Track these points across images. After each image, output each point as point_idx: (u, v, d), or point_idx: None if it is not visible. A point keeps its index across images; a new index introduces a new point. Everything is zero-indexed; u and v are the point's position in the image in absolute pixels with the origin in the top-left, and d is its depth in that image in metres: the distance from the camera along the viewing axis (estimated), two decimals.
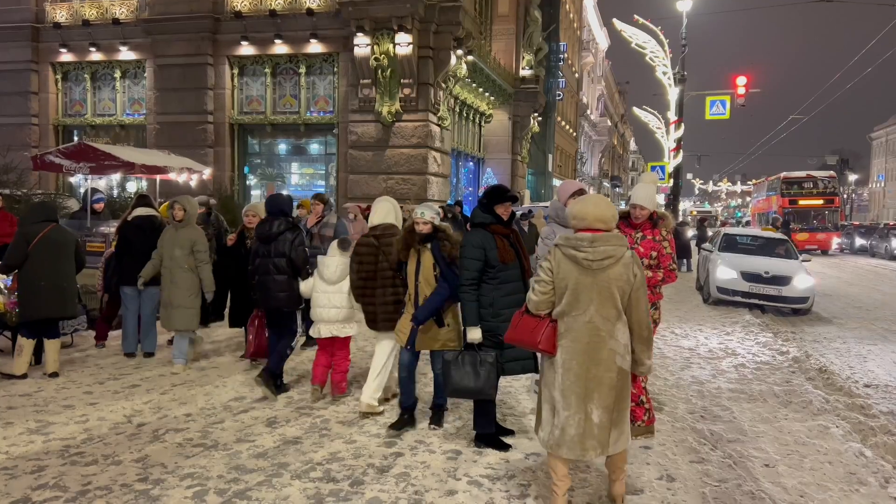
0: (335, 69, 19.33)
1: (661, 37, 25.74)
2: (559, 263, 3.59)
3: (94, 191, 10.74)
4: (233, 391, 6.04)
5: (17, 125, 21.00)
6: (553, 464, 3.70)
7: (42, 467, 4.25)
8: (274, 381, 5.83)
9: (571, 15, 42.85)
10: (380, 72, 17.56)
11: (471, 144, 25.58)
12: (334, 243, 5.85)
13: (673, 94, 25.74)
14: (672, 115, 26.49)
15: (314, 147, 20.94)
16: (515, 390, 6.14)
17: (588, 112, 54.13)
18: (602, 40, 59.08)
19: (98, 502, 3.80)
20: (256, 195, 20.76)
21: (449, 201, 19.90)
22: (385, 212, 5.37)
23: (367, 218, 6.09)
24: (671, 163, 26.24)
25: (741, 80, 26.00)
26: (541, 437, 3.74)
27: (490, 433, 4.72)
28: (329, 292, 5.69)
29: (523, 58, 27.49)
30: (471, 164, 26.53)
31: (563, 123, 41.10)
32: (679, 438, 5.04)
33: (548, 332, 3.60)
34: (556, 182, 30.52)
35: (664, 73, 26.06)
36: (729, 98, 26.20)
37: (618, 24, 26.86)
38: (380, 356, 5.38)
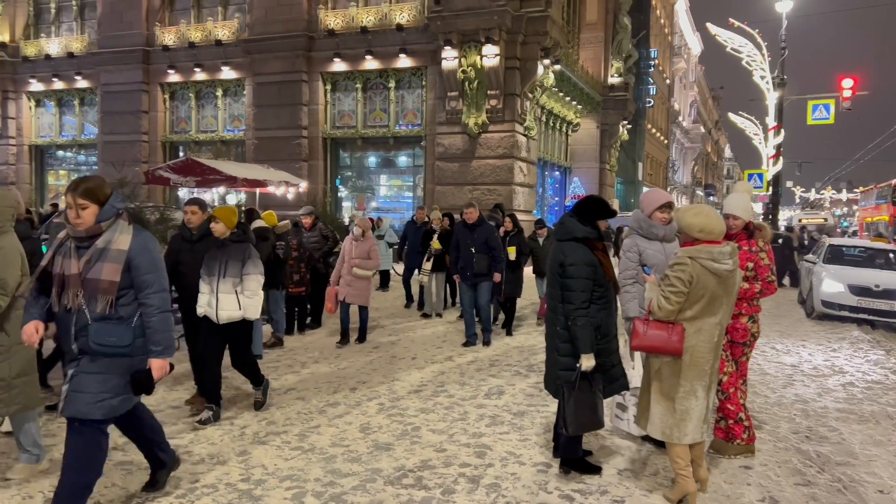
0: (423, 82, 19.69)
1: (759, 40, 24.70)
2: (699, 275, 3.81)
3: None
4: (328, 396, 6.23)
5: (128, 142, 22.55)
6: (679, 451, 3.96)
7: None
8: None
9: (662, 20, 41.85)
10: (467, 84, 17.76)
11: (557, 154, 25.39)
12: None
13: (771, 98, 24.63)
14: (771, 121, 25.33)
15: (402, 159, 21.37)
16: None
17: (680, 119, 52.59)
18: (695, 45, 57.37)
19: (205, 500, 4.01)
20: (347, 207, 21.37)
21: (535, 212, 19.83)
22: None
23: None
24: (770, 170, 25.08)
25: (847, 83, 24.55)
26: (659, 430, 4.00)
27: (577, 458, 4.49)
28: None
29: (612, 65, 27.08)
30: (557, 173, 26.32)
31: (654, 131, 40.13)
32: (782, 459, 4.81)
33: (681, 336, 3.86)
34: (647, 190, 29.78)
35: (762, 78, 24.97)
36: (833, 102, 24.78)
37: (712, 28, 25.98)
38: None
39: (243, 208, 10.51)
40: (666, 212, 4.80)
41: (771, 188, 24.95)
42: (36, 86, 24.46)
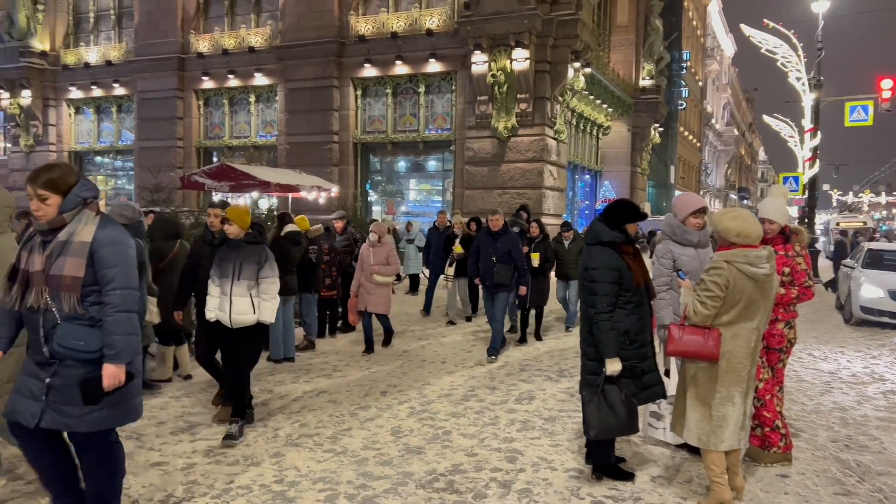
0: (453, 87, 19.74)
1: (794, 41, 24.25)
2: (735, 280, 3.77)
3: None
4: (359, 399, 6.28)
5: (164, 148, 22.98)
6: (714, 458, 3.92)
7: (191, 465, 4.61)
8: None
9: (695, 22, 41.37)
10: (496, 88, 17.75)
11: (588, 157, 25.24)
12: None
13: (808, 100, 24.15)
14: (807, 123, 24.85)
15: (432, 164, 21.43)
16: None
17: (713, 121, 51.90)
18: (728, 47, 56.58)
19: (239, 500, 4.06)
20: (377, 211, 21.50)
21: (565, 216, 19.73)
22: None
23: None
24: (806, 173, 24.59)
25: (886, 83, 23.94)
26: (695, 437, 3.95)
27: (609, 464, 4.46)
28: None
29: (643, 68, 26.87)
30: (587, 176, 26.16)
31: (686, 133, 39.66)
32: (820, 468, 4.71)
33: (717, 341, 3.83)
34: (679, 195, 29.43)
35: (797, 79, 24.52)
36: (871, 103, 24.18)
37: (746, 29, 25.57)
38: None
39: (276, 212, 10.67)
40: (700, 217, 4.73)
41: (807, 191, 24.45)
42: (75, 93, 25.06)
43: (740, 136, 63.60)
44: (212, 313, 5.22)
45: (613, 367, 4.04)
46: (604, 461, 4.43)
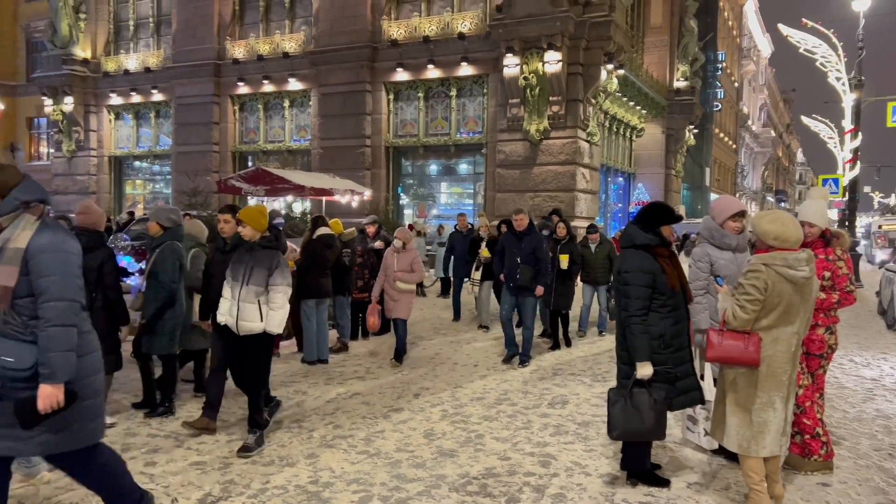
0: (484, 90, 19.75)
1: (834, 40, 23.71)
2: (774, 283, 3.71)
3: (275, 214, 11.73)
4: (392, 402, 6.31)
5: (200, 152, 23.40)
6: (753, 465, 3.86)
7: (228, 464, 4.68)
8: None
9: (730, 22, 40.75)
10: (528, 90, 17.70)
11: (621, 159, 25.02)
12: None
13: (848, 100, 23.59)
14: (847, 124, 24.27)
15: (463, 167, 21.46)
16: None
17: (749, 122, 51.02)
18: (765, 47, 55.60)
19: (275, 500, 4.12)
20: (408, 214, 21.58)
21: (597, 219, 19.58)
22: None
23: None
24: (846, 175, 24.01)
25: None
26: (736, 443, 3.88)
27: (645, 470, 4.41)
28: None
29: (678, 69, 26.55)
30: (620, 179, 25.94)
31: (722, 135, 39.07)
32: (863, 477, 4.60)
33: (757, 346, 3.76)
34: (714, 197, 28.99)
35: (837, 79, 23.97)
36: None
37: (783, 29, 25.09)
38: None
39: (310, 216, 10.80)
40: (739, 221, 4.66)
41: (847, 194, 23.89)
42: (115, 100, 25.67)
43: (777, 138, 62.41)
44: (222, 317, 5.01)
45: (644, 370, 4.01)
46: (639, 467, 4.38)
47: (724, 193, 34.63)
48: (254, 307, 4.85)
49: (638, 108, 23.96)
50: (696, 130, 27.97)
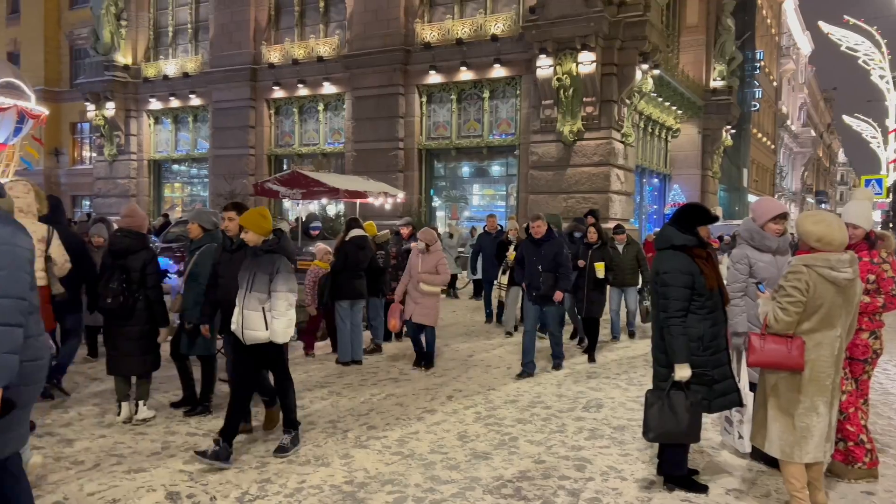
0: (517, 92, 19.69)
1: (878, 37, 23.15)
2: (815, 284, 3.64)
3: (313, 218, 11.86)
4: (425, 403, 6.33)
5: (237, 156, 23.76)
6: (795, 472, 3.79)
7: (265, 463, 4.74)
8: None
9: (769, 21, 39.99)
10: (562, 91, 17.60)
11: (656, 160, 24.73)
12: None
13: (892, 99, 22.99)
14: (891, 123, 23.64)
15: (496, 169, 21.43)
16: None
17: (788, 122, 49.98)
18: (804, 45, 54.44)
19: (311, 500, 4.16)
20: (441, 216, 21.62)
21: (632, 220, 19.38)
22: None
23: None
24: (890, 176, 23.39)
25: None
26: (778, 448, 3.81)
27: (682, 475, 4.35)
28: None
29: (714, 68, 26.16)
30: (656, 180, 25.64)
31: (760, 135, 38.35)
32: None
33: (801, 350, 3.70)
34: (752, 199, 28.48)
35: (881, 77, 23.38)
36: None
37: (824, 26, 24.61)
38: None
39: (343, 218, 10.89)
40: (780, 223, 4.57)
41: (892, 195, 23.26)
42: (155, 104, 26.22)
43: (818, 138, 61.01)
44: (234, 325, 4.86)
45: (683, 372, 3.98)
46: (676, 471, 4.32)
47: (763, 195, 33.98)
48: (258, 315, 4.68)
49: (674, 108, 23.67)
50: (733, 131, 27.52)
